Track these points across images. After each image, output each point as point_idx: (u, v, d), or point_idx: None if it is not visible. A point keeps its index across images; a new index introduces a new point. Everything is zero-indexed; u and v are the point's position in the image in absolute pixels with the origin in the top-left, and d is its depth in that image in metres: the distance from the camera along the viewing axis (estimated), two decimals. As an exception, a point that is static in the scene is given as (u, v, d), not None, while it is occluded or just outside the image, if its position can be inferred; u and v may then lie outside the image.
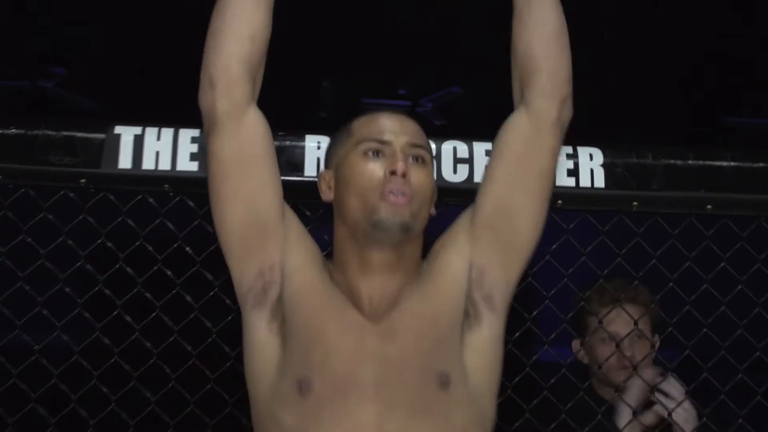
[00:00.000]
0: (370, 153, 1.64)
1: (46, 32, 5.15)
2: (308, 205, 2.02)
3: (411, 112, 6.41)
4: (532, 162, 1.68)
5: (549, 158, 1.70)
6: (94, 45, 5.20)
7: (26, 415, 1.98)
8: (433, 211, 1.70)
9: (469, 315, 1.65)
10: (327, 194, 1.72)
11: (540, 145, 1.68)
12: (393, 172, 1.60)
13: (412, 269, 1.67)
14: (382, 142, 1.65)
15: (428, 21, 5.47)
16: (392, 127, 1.67)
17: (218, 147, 1.63)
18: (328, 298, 1.62)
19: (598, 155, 2.07)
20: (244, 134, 1.63)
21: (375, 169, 1.62)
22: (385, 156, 1.63)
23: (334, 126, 2.02)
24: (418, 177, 1.63)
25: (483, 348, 1.65)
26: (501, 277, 1.68)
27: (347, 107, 6.07)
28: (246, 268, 1.64)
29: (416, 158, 1.65)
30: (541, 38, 1.70)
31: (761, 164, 2.12)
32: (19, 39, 5.18)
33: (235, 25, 1.63)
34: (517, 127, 1.70)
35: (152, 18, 5.04)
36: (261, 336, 1.62)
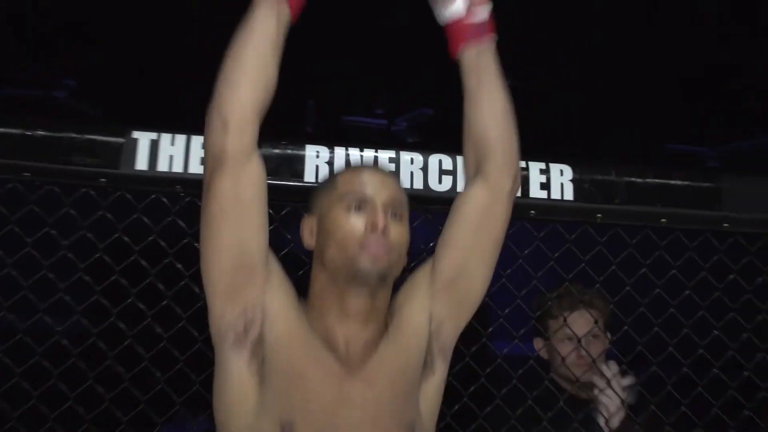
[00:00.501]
0: (353, 207, 1.59)
1: (58, 47, 5.10)
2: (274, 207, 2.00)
3: (387, 132, 6.44)
4: (488, 230, 1.67)
5: (502, 226, 1.69)
6: (101, 59, 5.15)
7: (48, 390, 1.93)
8: (404, 262, 1.64)
9: (426, 365, 1.63)
10: (308, 240, 1.66)
11: (496, 213, 1.68)
12: (374, 228, 1.56)
13: (383, 318, 1.63)
14: (364, 198, 1.59)
15: (403, 50, 5.48)
16: (374, 184, 1.61)
17: (221, 187, 1.53)
18: (307, 344, 1.55)
19: (568, 171, 2.07)
20: (247, 177, 1.54)
21: (357, 223, 1.57)
22: (366, 211, 1.58)
23: (318, 139, 2.03)
24: (396, 232, 1.58)
25: (433, 394, 1.64)
26: (453, 328, 1.67)
27: (330, 124, 6.07)
28: (229, 307, 1.55)
29: (395, 214, 1.60)
30: (494, 120, 1.69)
31: (708, 184, 2.13)
32: (34, 52, 5.13)
33: (252, 73, 1.54)
34: (475, 198, 1.68)
35: (153, 36, 5.01)
36: (239, 374, 1.54)
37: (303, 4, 1.63)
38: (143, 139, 1.97)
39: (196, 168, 1.96)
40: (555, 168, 2.07)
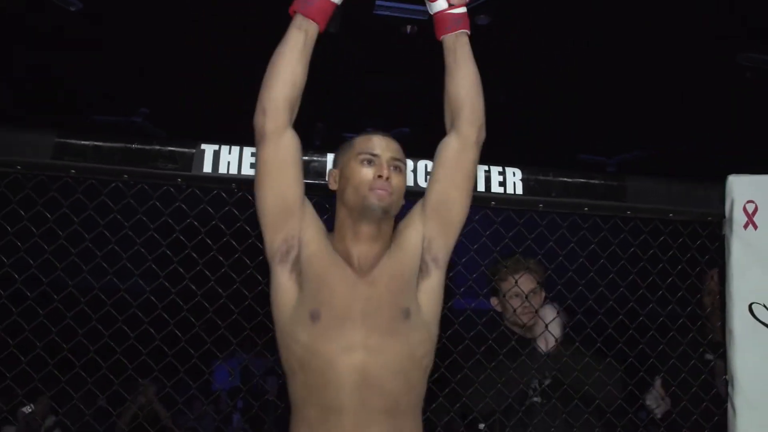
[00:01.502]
0: (365, 161, 1.62)
1: (136, 80, 5.05)
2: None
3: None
4: (462, 167, 1.67)
5: (472, 165, 1.69)
6: (170, 91, 5.11)
7: (115, 333, 1.93)
8: (402, 201, 1.67)
9: (422, 270, 1.63)
10: (333, 185, 1.69)
11: (468, 155, 1.68)
12: (380, 176, 1.60)
13: (386, 240, 1.65)
14: (374, 155, 1.63)
15: (388, 85, 5.47)
16: (381, 145, 1.65)
17: (264, 154, 1.60)
18: (331, 260, 1.59)
19: (519, 173, 2.05)
20: (282, 147, 1.60)
21: (368, 172, 1.61)
22: (374, 164, 1.62)
23: (325, 150, 2.01)
24: (396, 180, 1.62)
25: (430, 291, 1.63)
26: (443, 243, 1.66)
27: (332, 139, 6.04)
28: (275, 236, 1.59)
29: (396, 167, 1.64)
30: (465, 87, 1.69)
31: (617, 183, 2.13)
32: (119, 86, 5.07)
33: (284, 74, 1.59)
34: (450, 145, 1.68)
35: (206, 72, 4.96)
36: (284, 281, 1.58)
37: (329, 16, 1.65)
38: (208, 149, 1.95)
39: (246, 171, 1.93)
40: (509, 171, 2.06)
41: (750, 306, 2.09)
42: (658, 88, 5.20)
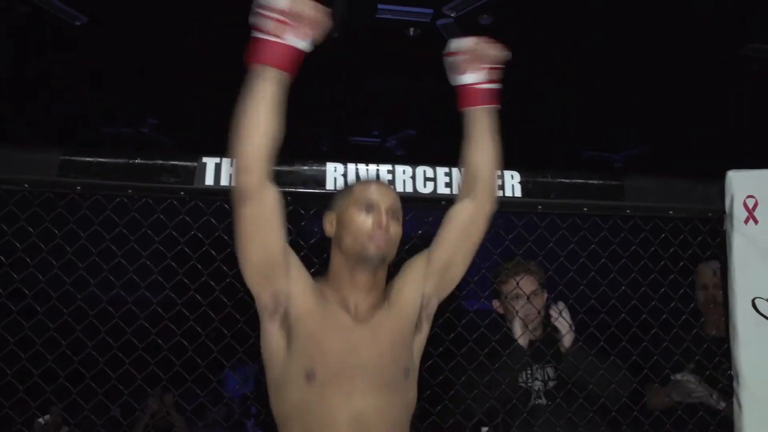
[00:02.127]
0: (364, 209, 1.62)
1: (145, 92, 5.12)
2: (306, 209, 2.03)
3: (380, 148, 6.43)
4: (471, 235, 1.71)
5: (481, 235, 1.73)
6: (178, 101, 5.17)
7: (123, 344, 1.97)
8: (397, 248, 1.67)
9: (417, 326, 1.66)
10: (329, 230, 1.68)
11: (478, 225, 1.71)
12: (379, 225, 1.60)
13: (381, 288, 1.66)
14: (372, 203, 1.62)
15: (392, 88, 5.50)
16: (380, 193, 1.65)
17: (248, 212, 1.51)
18: (323, 314, 1.58)
19: (517, 176, 2.07)
20: (266, 203, 1.52)
21: (366, 220, 1.60)
22: (373, 212, 1.61)
23: (334, 158, 2.03)
24: (393, 229, 1.63)
25: (420, 346, 1.68)
26: (437, 301, 1.71)
27: (339, 145, 6.08)
28: (263, 292, 1.57)
29: (393, 216, 1.64)
30: (487, 162, 1.71)
31: (615, 182, 2.14)
32: (127, 98, 5.14)
33: (261, 126, 1.49)
34: (464, 212, 1.71)
35: (219, 82, 5.01)
36: (274, 335, 1.57)
37: (299, 63, 1.52)
38: (210, 162, 1.98)
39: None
40: (507, 174, 2.08)
41: (753, 301, 2.11)
42: (663, 83, 5.19)
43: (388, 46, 5.07)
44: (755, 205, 2.13)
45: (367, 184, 1.68)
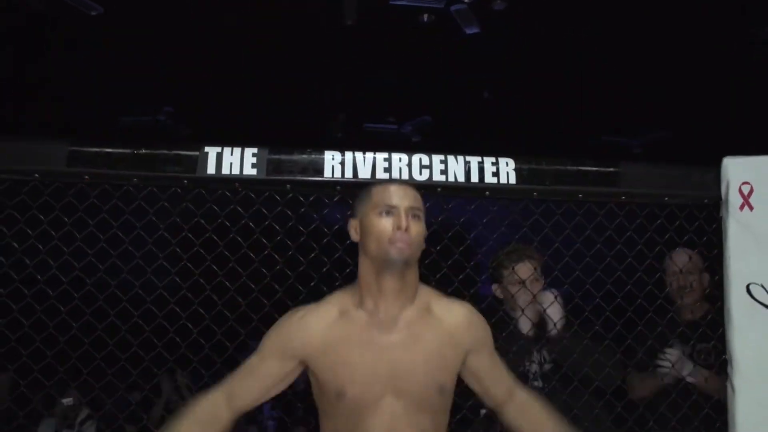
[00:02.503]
0: (384, 213, 1.63)
1: (163, 82, 5.24)
2: (329, 196, 2.10)
3: (397, 134, 6.47)
4: None
5: None
6: (193, 90, 5.28)
7: (132, 326, 2.06)
8: (423, 246, 1.68)
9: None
10: (355, 237, 1.71)
11: None
12: (399, 227, 1.61)
13: (412, 293, 1.67)
14: (392, 206, 1.64)
15: (408, 76, 5.54)
16: (398, 194, 1.65)
17: None
18: (345, 338, 1.63)
19: (512, 163, 2.11)
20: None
21: (387, 224, 1.61)
22: (393, 215, 1.63)
23: (347, 142, 2.07)
24: (415, 229, 1.62)
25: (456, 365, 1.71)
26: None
27: (355, 130, 6.14)
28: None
29: (414, 216, 1.64)
30: None
31: (611, 169, 2.17)
32: (144, 86, 5.27)
33: None
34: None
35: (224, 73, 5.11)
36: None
37: None
38: (212, 152, 2.05)
39: (248, 171, 2.05)
40: (502, 161, 2.12)
41: (748, 286, 2.14)
42: (685, 66, 5.15)
43: (401, 33, 5.11)
44: (750, 191, 2.16)
45: (386, 187, 1.69)
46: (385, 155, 2.11)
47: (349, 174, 2.04)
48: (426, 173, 2.13)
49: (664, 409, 2.24)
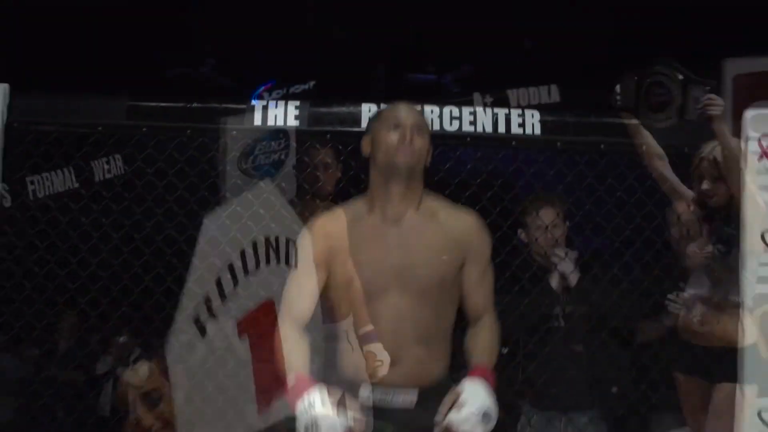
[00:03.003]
0: (391, 128, 1.81)
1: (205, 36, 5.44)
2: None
3: (437, 84, 6.56)
4: None
5: None
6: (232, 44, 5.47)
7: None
8: (428, 161, 1.85)
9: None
10: (366, 150, 1.88)
11: None
12: (403, 140, 1.79)
13: (416, 200, 1.83)
14: (398, 122, 1.81)
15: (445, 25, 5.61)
16: (404, 113, 1.84)
17: None
18: (361, 231, 1.80)
19: (537, 115, 2.25)
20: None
21: (394, 137, 1.79)
22: (399, 130, 1.80)
23: (386, 94, 2.21)
24: (418, 142, 1.80)
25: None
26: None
27: (395, 82, 6.26)
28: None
29: (418, 131, 1.81)
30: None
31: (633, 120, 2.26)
32: (189, 39, 5.50)
33: None
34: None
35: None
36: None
37: None
38: (258, 105, 2.27)
39: (291, 122, 2.26)
40: (528, 112, 2.27)
41: (762, 234, 2.27)
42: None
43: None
44: (769, 142, 2.27)
45: (394, 107, 1.90)
46: (417, 107, 2.28)
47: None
48: (456, 124, 2.31)
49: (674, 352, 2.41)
